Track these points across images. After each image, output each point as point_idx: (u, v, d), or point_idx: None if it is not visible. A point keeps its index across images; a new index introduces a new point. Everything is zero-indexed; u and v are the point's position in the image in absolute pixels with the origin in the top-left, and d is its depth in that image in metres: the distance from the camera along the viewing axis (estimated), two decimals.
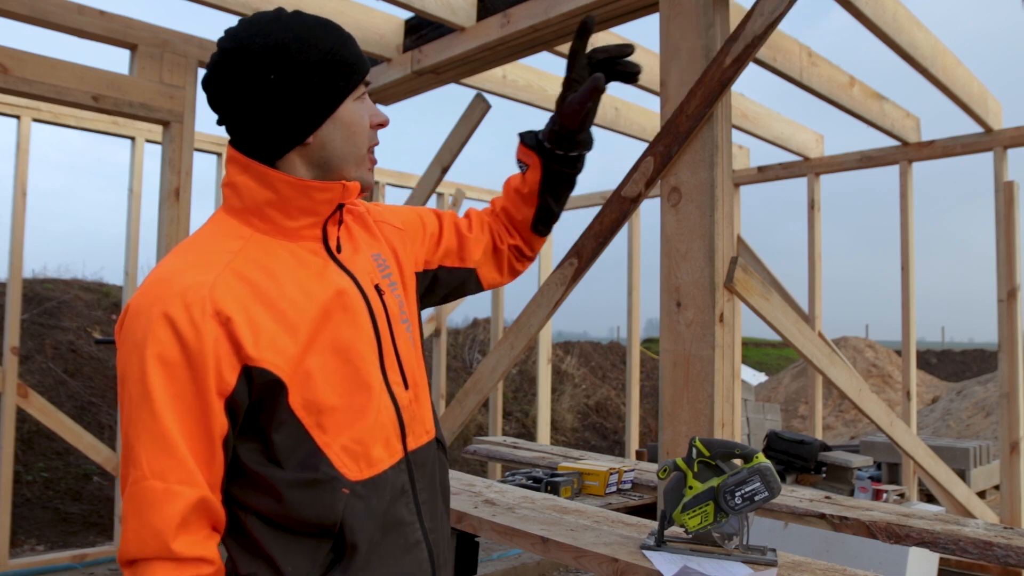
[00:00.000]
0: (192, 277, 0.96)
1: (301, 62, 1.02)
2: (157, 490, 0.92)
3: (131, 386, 0.94)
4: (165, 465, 0.92)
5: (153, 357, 0.93)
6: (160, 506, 0.91)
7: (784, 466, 4.76)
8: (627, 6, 2.71)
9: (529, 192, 1.38)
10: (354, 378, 1.05)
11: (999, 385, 4.22)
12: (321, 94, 1.04)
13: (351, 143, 1.09)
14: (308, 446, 1.01)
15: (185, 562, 0.92)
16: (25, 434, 5.89)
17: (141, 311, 0.95)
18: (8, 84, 2.89)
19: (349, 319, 1.07)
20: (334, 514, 1.01)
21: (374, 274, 1.16)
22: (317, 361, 1.02)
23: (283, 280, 1.03)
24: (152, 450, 0.92)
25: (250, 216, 1.06)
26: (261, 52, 1.02)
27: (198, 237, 1.05)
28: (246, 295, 0.99)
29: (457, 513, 2.00)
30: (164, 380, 0.93)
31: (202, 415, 0.94)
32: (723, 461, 1.52)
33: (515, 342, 2.75)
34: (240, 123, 1.05)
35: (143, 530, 0.91)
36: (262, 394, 0.98)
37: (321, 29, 1.06)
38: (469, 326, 11.68)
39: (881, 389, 12.68)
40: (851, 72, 4.18)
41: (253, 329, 0.97)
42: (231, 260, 1.00)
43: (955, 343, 30.33)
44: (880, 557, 2.88)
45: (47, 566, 4.40)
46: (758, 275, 2.26)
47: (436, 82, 3.69)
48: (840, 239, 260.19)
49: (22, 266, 4.33)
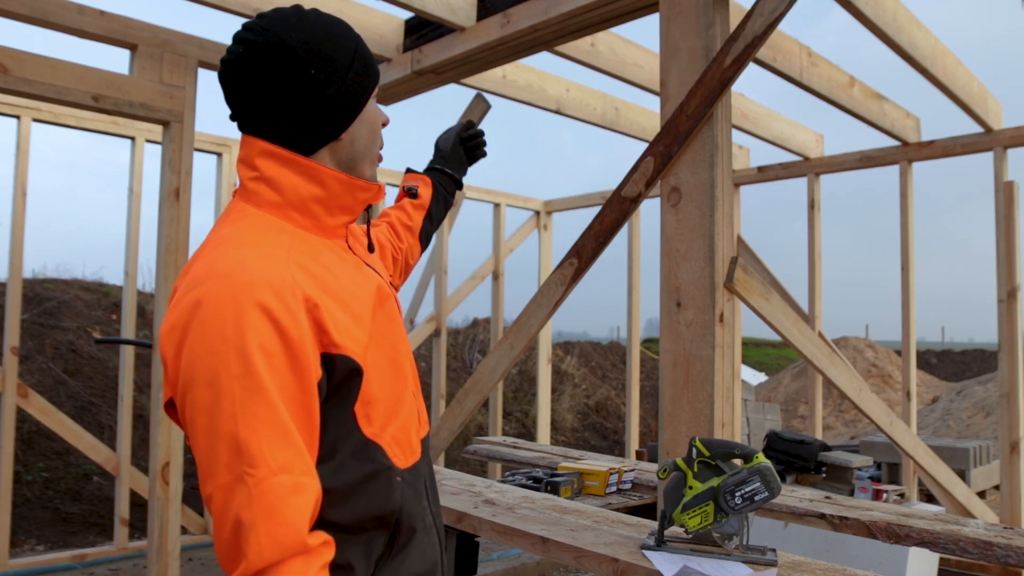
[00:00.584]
0: (269, 267, 0.93)
1: (337, 59, 1.03)
2: (286, 485, 0.87)
3: (230, 383, 0.87)
4: (289, 457, 0.88)
5: (257, 349, 0.87)
6: (292, 500, 0.87)
7: (784, 466, 4.76)
8: (627, 6, 2.71)
9: (422, 203, 1.60)
10: (393, 369, 1.08)
11: (999, 385, 4.22)
12: (355, 91, 1.06)
13: (372, 140, 1.12)
14: (358, 438, 1.00)
15: (313, 551, 0.89)
16: (25, 434, 5.89)
17: (223, 306, 0.89)
18: (8, 84, 2.89)
19: (386, 312, 1.10)
20: (394, 503, 1.03)
21: (385, 273, 1.22)
22: (373, 353, 1.03)
23: (338, 273, 1.03)
24: (274, 443, 0.87)
25: (290, 211, 1.03)
26: (299, 48, 1.00)
27: (241, 231, 1.00)
28: (315, 285, 0.97)
29: (457, 513, 2.00)
30: (271, 371, 0.88)
31: (306, 405, 0.92)
32: (723, 461, 1.52)
33: (515, 342, 2.75)
34: (274, 119, 1.02)
35: (278, 530, 0.85)
36: (341, 382, 0.97)
37: (342, 29, 1.08)
38: (469, 326, 11.68)
39: (881, 389, 12.68)
40: (851, 72, 4.19)
41: (332, 317, 0.96)
42: (289, 252, 0.98)
43: (955, 343, 30.33)
44: (880, 557, 2.88)
45: (47, 566, 4.40)
46: (758, 275, 2.26)
47: (436, 82, 3.69)
48: (840, 239, 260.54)
49: (22, 266, 4.33)
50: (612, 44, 3.75)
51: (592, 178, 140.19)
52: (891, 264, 4.96)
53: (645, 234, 6.24)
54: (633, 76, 3.87)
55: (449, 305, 6.24)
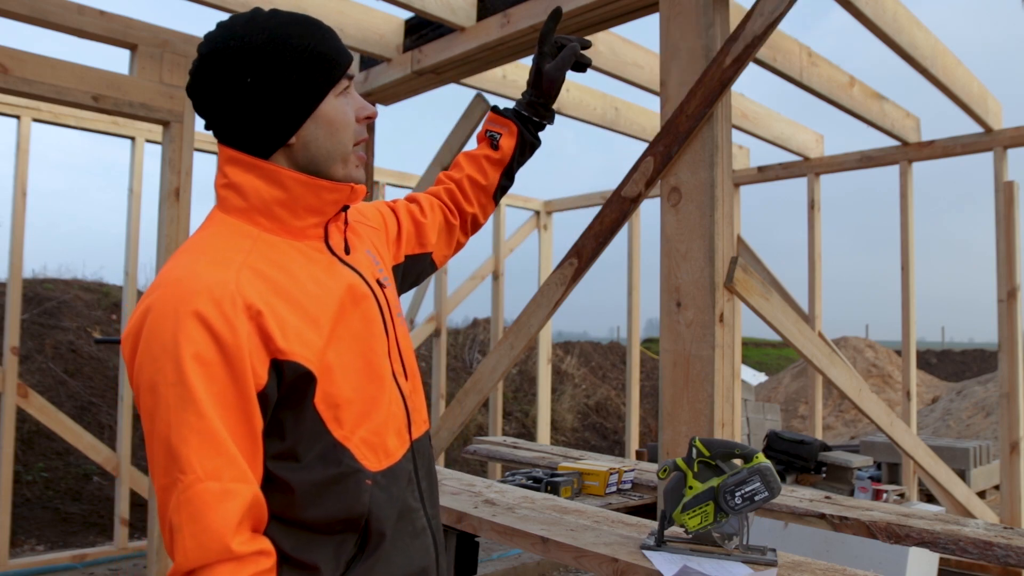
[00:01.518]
0: (214, 274, 0.95)
1: (276, 62, 1.02)
2: (214, 491, 0.88)
3: (165, 391, 0.90)
4: (218, 464, 0.89)
5: (190, 358, 0.90)
6: (218, 506, 0.88)
7: (784, 466, 4.76)
8: (627, 6, 2.71)
9: (501, 157, 1.47)
10: (367, 371, 1.07)
11: (999, 385, 4.22)
12: (299, 93, 1.03)
13: (335, 140, 1.07)
14: (327, 440, 1.01)
15: (246, 559, 0.90)
16: (25, 434, 5.89)
17: (165, 314, 0.92)
18: (8, 84, 2.89)
19: (360, 313, 1.09)
20: (361, 506, 1.02)
21: (373, 269, 1.18)
22: (335, 355, 1.02)
23: (298, 275, 1.03)
24: (203, 451, 0.89)
25: (256, 215, 1.04)
26: (236, 55, 1.01)
27: (204, 238, 1.03)
28: (267, 290, 0.98)
29: (457, 513, 2.00)
30: (204, 380, 0.90)
31: (244, 412, 0.93)
32: (723, 461, 1.52)
33: (515, 342, 2.75)
34: (226, 127, 1.05)
35: (202, 534, 0.87)
36: (291, 389, 0.98)
37: (296, 26, 1.05)
38: (469, 326, 11.68)
39: (881, 389, 12.68)
40: (851, 72, 4.19)
41: (280, 323, 0.96)
42: (245, 258, 0.99)
43: (955, 343, 30.33)
44: (880, 557, 2.88)
45: (47, 566, 4.40)
46: (758, 275, 2.26)
47: (436, 82, 3.69)
48: (840, 239, 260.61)
49: (22, 266, 4.33)
50: (612, 44, 3.76)
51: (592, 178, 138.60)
52: (891, 264, 4.96)
53: (645, 234, 6.25)
54: (633, 76, 3.87)
55: (449, 305, 6.24)
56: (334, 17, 3.44)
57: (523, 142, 1.49)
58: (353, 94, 1.11)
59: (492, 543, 4.41)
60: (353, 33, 3.49)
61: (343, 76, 1.08)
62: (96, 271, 16.04)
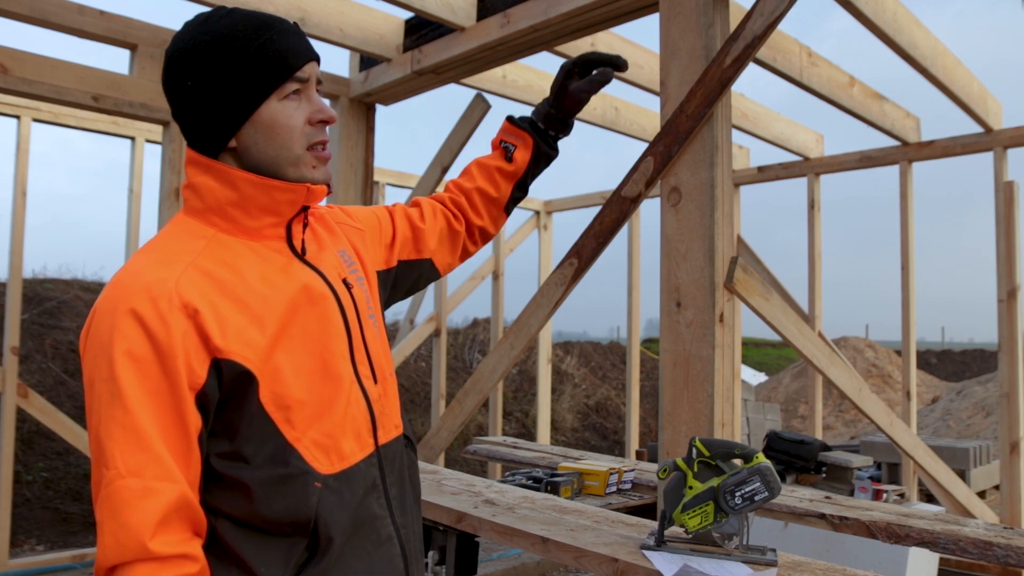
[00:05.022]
0: (155, 273, 0.95)
1: (214, 64, 1.00)
2: (134, 488, 0.88)
3: (100, 386, 0.91)
4: (141, 461, 0.89)
5: (122, 354, 0.90)
6: (137, 504, 0.88)
7: (784, 466, 4.76)
8: (627, 6, 2.71)
9: (515, 170, 1.42)
10: (322, 371, 1.05)
11: (999, 385, 4.22)
12: (234, 97, 1.01)
13: (275, 145, 1.04)
14: (277, 441, 0.99)
15: (167, 560, 0.88)
16: (25, 434, 5.89)
17: (105, 312, 0.93)
18: (8, 84, 2.89)
19: (317, 313, 1.06)
20: (308, 509, 0.99)
21: (341, 269, 1.16)
22: (285, 355, 1.01)
23: (247, 275, 1.02)
24: (126, 447, 0.89)
25: (212, 216, 1.04)
26: (182, 56, 1.02)
27: (160, 239, 1.04)
28: (211, 289, 0.97)
29: (457, 513, 2.00)
30: (135, 376, 0.90)
31: (176, 411, 0.92)
32: (723, 461, 1.52)
33: (515, 342, 2.75)
34: (184, 128, 1.07)
35: (120, 532, 0.87)
36: (232, 388, 0.97)
37: (246, 27, 1.02)
38: (469, 326, 11.68)
39: (881, 389, 12.68)
40: (851, 72, 4.19)
41: (220, 321, 0.96)
42: (194, 258, 0.99)
43: (955, 343, 30.34)
44: (880, 557, 2.88)
45: (47, 566, 4.40)
46: (758, 275, 2.26)
47: (436, 82, 3.69)
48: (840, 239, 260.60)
49: (22, 266, 4.33)
50: (612, 44, 3.76)
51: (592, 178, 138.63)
52: (891, 264, 4.96)
53: (645, 234, 6.25)
54: (633, 76, 3.87)
55: (449, 305, 6.24)
56: (334, 17, 3.44)
57: (538, 154, 1.43)
58: (308, 96, 1.07)
59: (492, 543, 4.41)
60: (353, 33, 3.49)
61: (289, 79, 1.03)
62: (96, 271, 16.02)
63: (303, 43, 1.07)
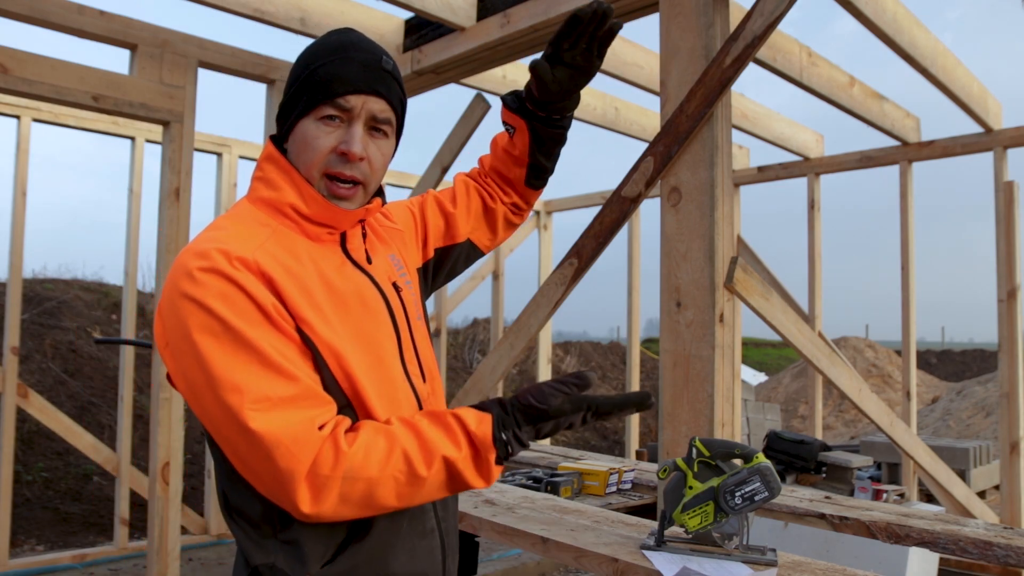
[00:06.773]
0: (232, 247, 0.99)
1: (292, 74, 1.13)
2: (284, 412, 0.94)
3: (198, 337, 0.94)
4: (275, 385, 0.94)
5: (213, 298, 0.94)
6: (297, 422, 0.94)
7: (784, 466, 4.76)
8: (627, 6, 2.71)
9: (520, 153, 1.41)
10: (379, 368, 1.08)
11: (999, 385, 4.22)
12: (289, 105, 1.12)
13: (302, 160, 1.10)
14: (348, 412, 1.03)
15: (333, 426, 0.96)
16: (25, 434, 5.89)
17: (181, 271, 0.97)
18: (8, 84, 2.89)
19: (369, 315, 1.10)
20: None
21: (392, 272, 1.20)
22: (348, 345, 1.04)
23: (308, 267, 1.06)
24: (263, 379, 0.93)
25: (276, 211, 1.09)
26: None
27: (228, 220, 1.07)
28: (281, 270, 1.01)
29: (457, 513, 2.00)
30: (232, 311, 0.95)
31: (280, 329, 0.97)
32: (723, 461, 1.52)
33: (515, 342, 2.75)
34: None
35: (294, 446, 0.92)
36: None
37: (324, 48, 1.11)
38: (469, 326, 11.68)
39: (881, 389, 12.68)
40: (851, 72, 4.19)
41: (291, 296, 1.00)
42: (263, 242, 1.03)
43: (955, 343, 30.34)
44: (880, 557, 2.88)
45: (47, 566, 4.40)
46: (758, 275, 2.26)
47: (436, 82, 3.69)
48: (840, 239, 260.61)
49: (22, 266, 4.32)
50: (612, 44, 3.75)
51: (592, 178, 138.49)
52: (891, 264, 4.96)
53: (645, 234, 6.24)
54: (633, 76, 3.87)
55: (449, 305, 6.24)
56: (334, 17, 3.44)
57: (536, 135, 1.38)
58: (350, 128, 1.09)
59: (492, 543, 4.41)
60: None
61: (325, 102, 1.07)
62: (96, 271, 16.06)
63: (364, 76, 1.09)
